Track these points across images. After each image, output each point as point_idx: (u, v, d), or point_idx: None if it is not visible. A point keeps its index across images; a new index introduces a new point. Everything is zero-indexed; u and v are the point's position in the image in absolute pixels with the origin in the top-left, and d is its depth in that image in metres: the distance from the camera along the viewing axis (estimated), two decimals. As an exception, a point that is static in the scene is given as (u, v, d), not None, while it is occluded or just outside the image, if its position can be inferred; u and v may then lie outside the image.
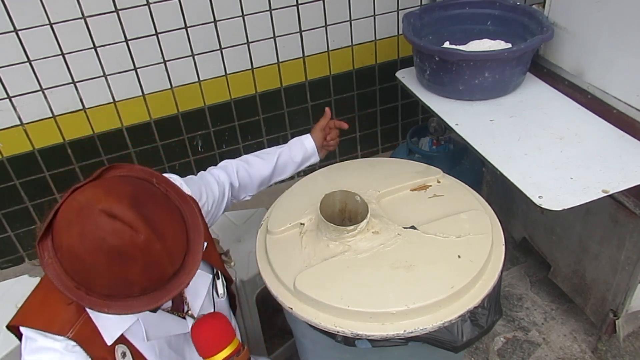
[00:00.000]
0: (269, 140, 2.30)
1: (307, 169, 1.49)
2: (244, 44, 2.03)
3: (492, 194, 2.08)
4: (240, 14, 1.96)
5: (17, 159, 1.94)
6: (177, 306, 1.10)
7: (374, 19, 2.16)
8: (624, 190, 1.32)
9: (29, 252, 2.19)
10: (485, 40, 1.78)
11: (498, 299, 1.15)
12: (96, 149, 2.02)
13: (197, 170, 1.32)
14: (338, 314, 1.05)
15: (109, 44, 1.84)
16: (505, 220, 1.53)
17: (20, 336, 0.97)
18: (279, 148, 1.42)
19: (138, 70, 1.93)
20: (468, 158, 2.20)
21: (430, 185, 1.34)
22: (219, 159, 2.21)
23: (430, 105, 1.71)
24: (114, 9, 1.78)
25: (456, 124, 1.60)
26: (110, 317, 0.94)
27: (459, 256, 1.12)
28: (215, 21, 1.94)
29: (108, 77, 1.90)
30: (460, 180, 1.38)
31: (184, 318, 1.11)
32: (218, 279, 1.20)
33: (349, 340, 1.06)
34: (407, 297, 1.04)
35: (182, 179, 1.17)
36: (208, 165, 1.36)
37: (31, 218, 2.10)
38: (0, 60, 1.74)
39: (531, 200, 1.30)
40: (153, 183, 0.93)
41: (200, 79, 2.04)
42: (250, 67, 2.09)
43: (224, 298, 1.22)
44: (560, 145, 1.47)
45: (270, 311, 1.80)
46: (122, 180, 0.90)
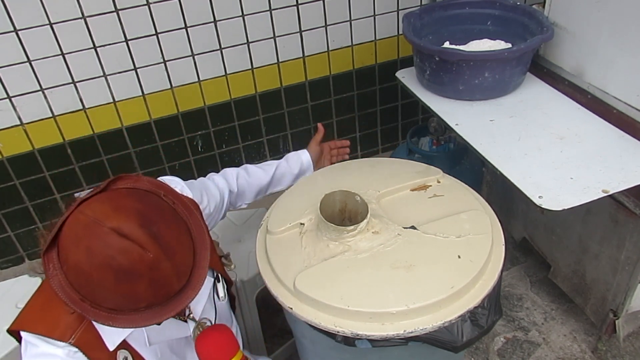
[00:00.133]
0: (268, 141, 2.30)
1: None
2: (244, 44, 2.03)
3: (492, 194, 2.08)
4: (240, 14, 1.96)
5: (17, 159, 1.94)
6: None
7: (374, 19, 2.16)
8: (624, 190, 1.32)
9: (29, 252, 2.19)
10: (485, 40, 1.78)
11: (498, 299, 1.15)
12: (96, 149, 2.02)
13: (197, 170, 1.32)
14: (338, 314, 1.05)
15: (109, 44, 1.84)
16: (505, 220, 1.53)
17: (20, 339, 0.96)
18: (277, 161, 1.47)
19: (138, 70, 1.93)
20: (468, 158, 2.20)
21: (430, 185, 1.34)
22: (219, 159, 2.24)
23: (430, 105, 1.71)
24: (114, 9, 1.78)
25: (456, 124, 1.60)
26: None
27: (459, 256, 1.12)
28: (215, 21, 1.94)
29: (108, 77, 1.90)
30: (460, 180, 1.37)
31: (185, 322, 1.11)
32: (219, 282, 1.20)
33: (349, 340, 1.06)
34: (407, 297, 1.04)
35: (184, 182, 1.17)
36: (208, 165, 1.36)
37: (31, 218, 2.10)
38: (0, 60, 1.75)
39: (531, 200, 1.30)
40: (160, 196, 0.93)
41: (200, 79, 2.04)
42: (250, 67, 2.09)
43: (225, 301, 1.23)
44: (560, 145, 1.47)
45: (270, 311, 1.79)
46: (131, 195, 0.89)
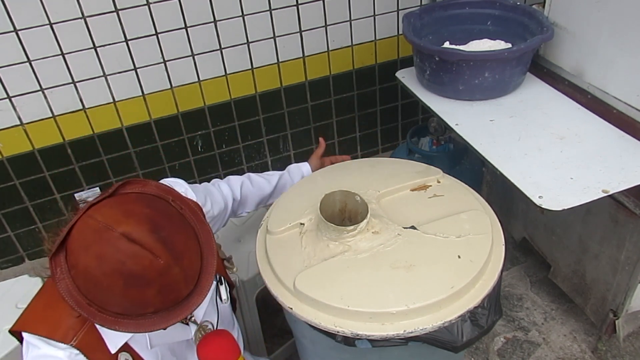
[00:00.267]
0: (268, 141, 2.30)
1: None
2: (244, 44, 2.03)
3: (492, 194, 2.08)
4: (240, 14, 1.96)
5: (17, 159, 1.94)
6: None
7: (374, 19, 2.16)
8: (624, 190, 1.32)
9: (29, 252, 2.19)
10: (485, 40, 1.78)
11: (498, 299, 1.15)
12: (96, 149, 2.02)
13: (197, 170, 1.32)
14: (338, 314, 1.05)
15: (109, 44, 1.84)
16: (505, 220, 1.53)
17: (21, 339, 0.96)
18: (279, 172, 1.48)
19: (138, 70, 1.93)
20: (468, 158, 2.20)
21: (430, 185, 1.34)
22: (219, 159, 2.24)
23: (430, 105, 1.71)
24: (114, 9, 1.78)
25: (456, 124, 1.60)
26: None
27: (459, 256, 1.12)
28: (215, 21, 1.94)
29: (108, 77, 1.90)
30: (460, 180, 1.37)
31: (187, 324, 1.11)
32: (221, 285, 1.20)
33: (349, 340, 1.06)
34: (407, 297, 1.04)
35: (188, 185, 1.17)
36: (208, 165, 1.36)
37: (31, 218, 2.10)
38: (0, 60, 1.74)
39: (531, 200, 1.30)
40: (169, 202, 0.93)
41: (200, 79, 2.04)
42: (250, 67, 2.09)
43: (227, 303, 1.23)
44: (560, 145, 1.47)
45: (270, 311, 1.79)
46: (140, 200, 0.90)
